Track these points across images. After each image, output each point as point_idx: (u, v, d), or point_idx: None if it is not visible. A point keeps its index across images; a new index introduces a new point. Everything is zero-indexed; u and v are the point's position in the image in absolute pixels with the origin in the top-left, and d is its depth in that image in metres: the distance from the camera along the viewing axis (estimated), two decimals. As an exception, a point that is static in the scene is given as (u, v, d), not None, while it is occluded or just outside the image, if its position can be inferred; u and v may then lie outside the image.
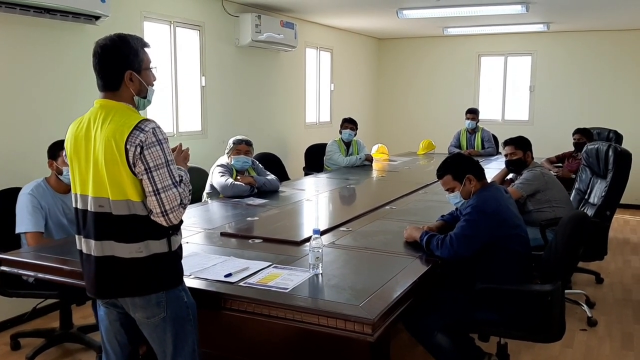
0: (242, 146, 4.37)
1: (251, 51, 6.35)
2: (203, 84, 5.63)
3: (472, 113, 7.37)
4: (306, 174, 6.39)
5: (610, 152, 4.17)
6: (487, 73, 9.31)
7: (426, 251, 2.74)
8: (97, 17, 4.16)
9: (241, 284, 2.30)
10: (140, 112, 2.10)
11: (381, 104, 9.96)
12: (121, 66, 2.02)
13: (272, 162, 5.59)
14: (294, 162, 6.95)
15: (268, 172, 4.57)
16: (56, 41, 4.18)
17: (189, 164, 2.32)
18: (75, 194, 2.09)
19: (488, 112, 9.03)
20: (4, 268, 2.74)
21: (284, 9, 6.45)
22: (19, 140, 3.99)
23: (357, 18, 7.44)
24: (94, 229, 2.01)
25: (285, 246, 2.89)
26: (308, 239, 2.93)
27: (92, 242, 2.03)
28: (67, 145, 2.08)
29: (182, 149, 2.29)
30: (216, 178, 4.23)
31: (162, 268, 2.05)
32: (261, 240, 2.98)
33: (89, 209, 2.03)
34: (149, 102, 2.14)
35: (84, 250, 2.08)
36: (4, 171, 3.85)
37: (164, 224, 2.00)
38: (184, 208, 2.03)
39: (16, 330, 3.79)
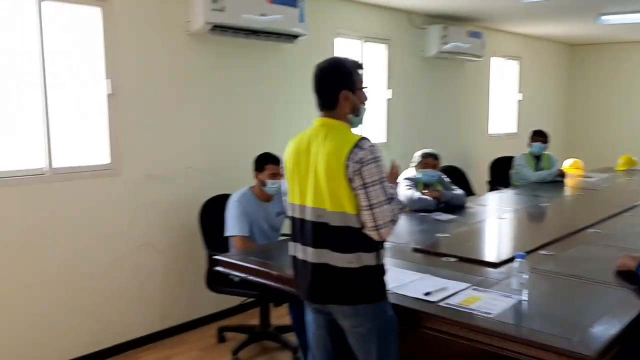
0: (430, 160, 4.34)
1: (436, 62, 6.31)
2: (389, 97, 5.73)
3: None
4: (491, 189, 6.15)
5: None
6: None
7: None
8: (295, 37, 4.42)
9: (442, 304, 2.27)
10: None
11: (572, 115, 9.25)
12: (337, 87, 2.14)
13: (456, 175, 5.48)
14: (477, 175, 6.73)
15: (455, 186, 4.48)
16: (260, 61, 4.54)
17: None
18: (294, 204, 2.24)
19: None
20: (219, 268, 3.02)
21: (471, 18, 6.31)
22: (231, 151, 4.39)
23: (548, 24, 7.00)
24: (311, 237, 2.15)
25: (481, 267, 2.80)
26: (506, 262, 2.84)
27: (309, 249, 2.16)
28: (288, 158, 2.25)
29: (395, 165, 2.35)
30: (402, 190, 4.24)
31: (371, 280, 2.13)
32: (456, 259, 2.92)
33: (307, 218, 2.17)
34: (361, 120, 2.23)
35: (300, 257, 2.22)
36: (220, 179, 4.27)
37: (376, 237, 2.08)
38: (394, 224, 2.09)
39: (222, 324, 4.16)
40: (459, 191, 4.41)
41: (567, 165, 6.58)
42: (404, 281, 2.53)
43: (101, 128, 3.65)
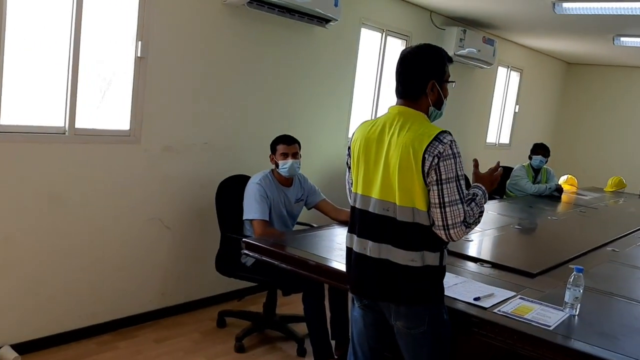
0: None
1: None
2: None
3: (674, 154, 6.69)
4: (486, 197, 6.15)
5: None
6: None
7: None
8: (327, 20, 4.30)
9: (495, 311, 2.21)
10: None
11: (563, 131, 9.38)
12: (426, 75, 2.03)
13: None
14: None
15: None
16: (290, 42, 4.40)
17: None
18: (357, 194, 2.12)
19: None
20: (247, 252, 2.90)
21: (487, 24, 6.28)
22: (250, 131, 4.24)
23: (554, 39, 7.05)
24: (374, 230, 2.04)
25: (517, 276, 2.75)
26: (542, 272, 2.82)
27: (370, 242, 2.05)
28: (355, 145, 2.12)
29: (498, 168, 2.32)
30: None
31: (432, 282, 2.04)
32: (490, 266, 2.88)
33: (370, 210, 2.05)
34: (441, 114, 2.13)
35: (357, 250, 2.11)
36: (237, 159, 4.14)
37: (444, 238, 1.98)
38: (467, 227, 1.99)
39: (223, 308, 4.02)
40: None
41: (562, 180, 6.66)
42: (448, 284, 2.46)
43: (125, 93, 3.46)
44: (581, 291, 2.26)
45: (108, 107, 3.53)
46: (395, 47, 5.57)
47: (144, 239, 3.71)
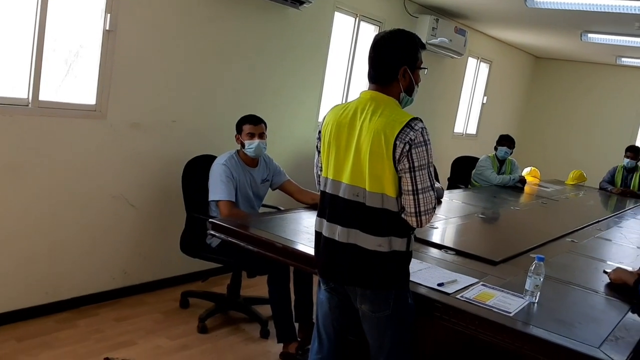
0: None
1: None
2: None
3: (633, 152, 6.86)
4: (451, 186, 6.24)
5: None
6: (651, 110, 8.68)
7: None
8: (301, 2, 4.26)
9: (458, 296, 2.25)
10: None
11: (527, 125, 9.56)
12: (399, 60, 2.02)
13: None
14: (438, 172, 6.82)
15: (436, 180, 4.50)
16: (262, 23, 4.34)
17: None
18: (327, 179, 2.12)
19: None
20: (213, 232, 2.87)
21: (459, 14, 6.33)
22: (219, 111, 4.18)
23: (523, 33, 7.15)
24: (343, 215, 2.04)
25: (480, 263, 2.80)
26: (504, 260, 2.88)
27: (339, 227, 2.06)
28: (327, 129, 2.11)
29: None
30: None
31: (398, 266, 2.06)
32: (454, 253, 2.92)
33: (340, 195, 2.05)
34: (412, 101, 2.13)
35: (326, 234, 2.11)
36: (205, 139, 4.09)
37: (414, 224, 2.00)
38: (434, 212, 2.02)
39: (186, 288, 3.99)
40: (439, 184, 4.43)
41: (525, 172, 6.79)
42: (413, 269, 2.48)
43: (92, 67, 3.37)
44: (542, 279, 2.31)
45: (74, 81, 3.43)
46: (368, 33, 5.57)
47: (107, 217, 3.64)
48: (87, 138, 3.41)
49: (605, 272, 2.84)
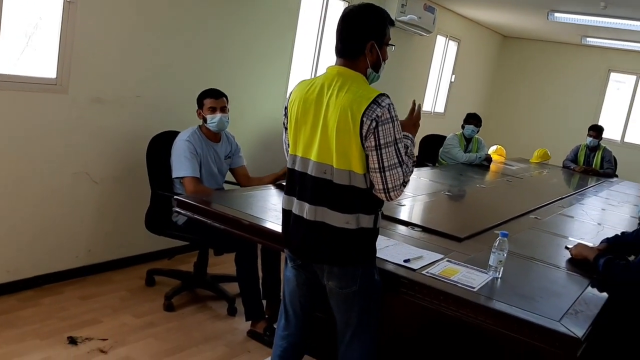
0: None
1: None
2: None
3: (596, 131, 7.02)
4: (419, 164, 6.28)
5: None
6: (614, 91, 8.86)
7: (600, 275, 2.60)
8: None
9: (423, 272, 2.28)
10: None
11: (494, 104, 9.68)
12: (366, 35, 2.00)
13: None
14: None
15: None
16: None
17: None
18: (295, 156, 2.10)
19: (607, 132, 8.59)
20: (179, 210, 2.83)
21: (428, -8, 6.32)
22: (183, 87, 4.08)
23: (492, 11, 7.19)
24: (311, 193, 2.03)
25: (446, 240, 2.84)
26: (469, 237, 2.92)
27: (307, 205, 2.05)
28: (293, 106, 2.08)
29: (417, 106, 2.27)
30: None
31: (365, 243, 2.06)
32: (420, 230, 2.95)
33: (309, 172, 2.04)
34: (379, 77, 2.12)
35: (295, 212, 2.10)
36: (169, 114, 4.00)
37: (384, 199, 2.01)
38: (405, 186, 2.03)
39: (152, 266, 3.95)
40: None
41: (491, 150, 6.88)
42: (379, 246, 2.50)
43: (52, 39, 3.25)
44: (505, 255, 2.35)
45: (34, 54, 3.31)
46: (337, 9, 5.51)
47: (69, 193, 3.56)
48: (47, 113, 3.31)
49: (567, 248, 2.91)
